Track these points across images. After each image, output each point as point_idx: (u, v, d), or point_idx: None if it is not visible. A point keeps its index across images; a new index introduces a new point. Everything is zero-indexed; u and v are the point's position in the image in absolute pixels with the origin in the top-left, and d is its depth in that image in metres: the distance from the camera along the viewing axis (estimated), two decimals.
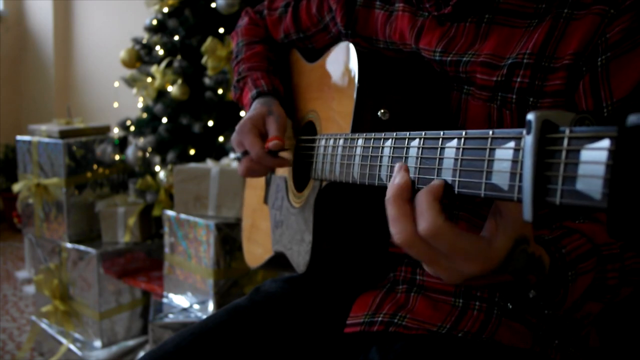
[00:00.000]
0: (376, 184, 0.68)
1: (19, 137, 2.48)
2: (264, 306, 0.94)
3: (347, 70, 0.84)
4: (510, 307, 0.62)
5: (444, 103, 0.82)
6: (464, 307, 0.81)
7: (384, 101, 0.79)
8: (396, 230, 0.56)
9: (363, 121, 0.79)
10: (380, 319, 0.84)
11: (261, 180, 1.17)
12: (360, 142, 0.72)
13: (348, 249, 0.89)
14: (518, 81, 0.73)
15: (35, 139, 2.39)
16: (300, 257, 0.90)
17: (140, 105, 2.58)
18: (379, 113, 0.78)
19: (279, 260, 1.04)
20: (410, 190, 0.57)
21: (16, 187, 2.47)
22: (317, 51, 1.05)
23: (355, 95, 0.79)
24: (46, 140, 2.35)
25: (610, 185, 0.38)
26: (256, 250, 1.16)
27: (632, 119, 0.37)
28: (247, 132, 0.93)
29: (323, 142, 0.86)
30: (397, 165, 0.61)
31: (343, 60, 0.87)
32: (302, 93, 1.04)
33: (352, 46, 0.84)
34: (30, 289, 2.94)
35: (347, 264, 0.93)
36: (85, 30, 4.34)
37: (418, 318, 0.82)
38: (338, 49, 0.90)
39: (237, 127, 0.95)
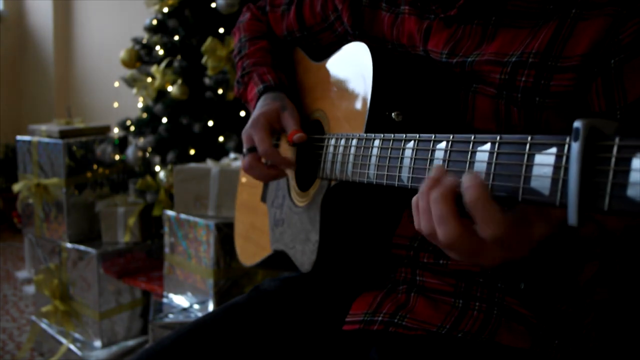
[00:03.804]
0: (396, 185, 0.69)
1: (19, 137, 2.48)
2: (261, 304, 0.94)
3: (360, 72, 0.83)
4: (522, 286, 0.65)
5: (454, 102, 0.82)
6: (463, 308, 0.81)
7: (398, 103, 0.79)
8: (445, 229, 0.57)
9: (376, 122, 0.79)
10: (380, 318, 0.83)
11: None
12: (377, 142, 0.73)
13: (354, 248, 0.89)
14: (523, 80, 0.73)
15: (35, 139, 2.39)
16: (305, 257, 0.90)
17: (140, 105, 2.58)
18: (392, 115, 0.78)
19: (277, 259, 1.04)
20: (456, 191, 0.58)
21: (16, 187, 2.47)
22: (324, 49, 1.04)
23: (369, 97, 0.79)
24: (46, 140, 2.35)
25: None
26: (251, 248, 1.15)
27: None
28: (260, 128, 0.92)
29: (333, 142, 0.85)
30: (436, 166, 0.61)
31: (355, 61, 0.85)
32: (307, 92, 1.03)
33: (366, 47, 0.82)
34: (30, 289, 2.94)
35: (352, 264, 0.93)
36: (85, 30, 4.34)
37: (418, 318, 0.81)
38: (349, 49, 0.88)
39: (250, 121, 0.94)
